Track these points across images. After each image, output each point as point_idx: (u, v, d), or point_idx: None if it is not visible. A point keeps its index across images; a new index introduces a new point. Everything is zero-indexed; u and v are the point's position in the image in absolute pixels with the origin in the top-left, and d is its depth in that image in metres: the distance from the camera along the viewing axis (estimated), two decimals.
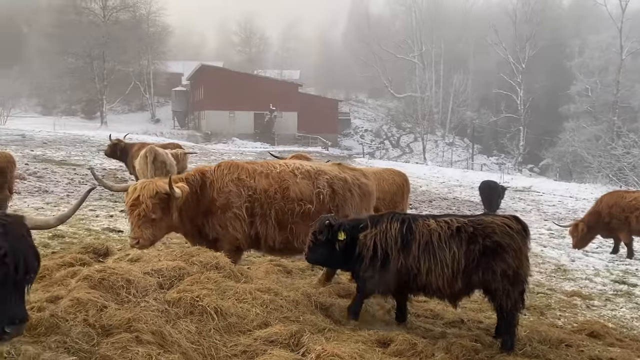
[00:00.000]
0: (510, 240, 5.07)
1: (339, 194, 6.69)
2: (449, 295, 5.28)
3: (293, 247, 6.38)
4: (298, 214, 6.36)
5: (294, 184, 6.41)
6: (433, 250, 5.11)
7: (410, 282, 5.25)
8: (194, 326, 4.08)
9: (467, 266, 5.09)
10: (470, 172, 44.36)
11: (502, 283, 5.07)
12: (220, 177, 6.20)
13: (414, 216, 5.49)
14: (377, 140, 76.67)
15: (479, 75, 78.90)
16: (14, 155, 10.90)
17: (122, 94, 67.93)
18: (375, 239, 5.23)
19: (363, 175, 7.20)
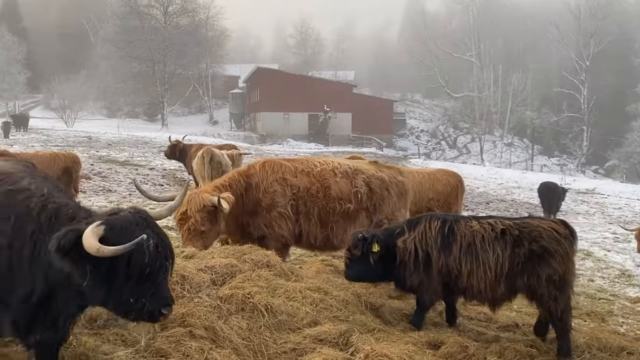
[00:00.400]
0: (557, 246, 4.94)
1: (377, 193, 6.71)
2: (490, 299, 5.16)
3: (332, 244, 6.48)
4: (338, 212, 6.44)
5: (334, 182, 6.48)
6: (475, 252, 5.00)
7: (451, 283, 5.15)
8: (245, 322, 4.17)
9: (511, 270, 4.97)
10: (530, 173, 43.02)
11: (548, 288, 4.93)
12: (265, 177, 6.28)
13: (455, 217, 5.40)
14: (434, 141, 75.54)
15: (539, 73, 76.32)
16: (80, 156, 11.45)
17: (181, 97, 69.93)
18: (415, 241, 5.14)
19: (399, 173, 7.19)
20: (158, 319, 3.10)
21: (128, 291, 2.92)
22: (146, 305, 2.95)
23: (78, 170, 10.39)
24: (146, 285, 2.94)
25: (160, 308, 2.99)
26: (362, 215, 6.66)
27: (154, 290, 2.97)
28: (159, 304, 2.99)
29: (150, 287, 2.96)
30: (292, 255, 8.50)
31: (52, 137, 34.70)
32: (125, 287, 2.92)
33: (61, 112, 57.98)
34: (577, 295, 8.02)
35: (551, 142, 72.39)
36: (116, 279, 2.90)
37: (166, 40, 63.70)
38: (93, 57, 73.54)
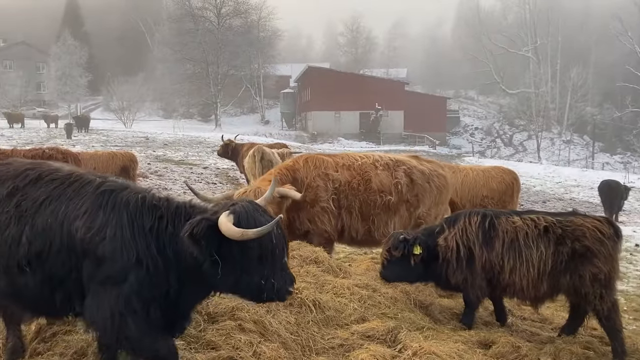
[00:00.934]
0: (600, 246, 4.81)
1: (418, 185, 6.66)
2: (533, 297, 5.06)
3: (374, 238, 6.44)
4: (379, 205, 6.43)
5: (375, 175, 6.47)
6: (519, 249, 4.91)
7: (493, 280, 5.06)
8: (293, 317, 4.21)
9: (554, 268, 4.86)
10: (590, 171, 41.43)
11: (593, 287, 4.80)
12: (309, 172, 6.32)
13: (495, 212, 5.27)
14: (488, 139, 73.76)
15: (600, 68, 73.30)
16: (137, 156, 11.84)
17: (234, 97, 71.15)
18: (456, 238, 5.06)
19: (440, 167, 7.12)
20: (285, 298, 3.26)
21: (259, 273, 3.08)
22: (275, 285, 3.10)
23: (135, 168, 10.76)
24: (274, 265, 3.11)
25: (287, 287, 3.16)
26: (403, 208, 6.62)
27: (280, 269, 3.14)
28: (286, 282, 3.15)
29: (277, 267, 3.13)
30: (341, 253, 8.53)
31: (112, 137, 36.03)
32: (257, 269, 3.08)
33: (120, 114, 60.09)
34: (639, 297, 7.69)
35: (614, 138, 69.37)
36: (248, 263, 3.06)
37: (219, 41, 64.97)
38: (150, 60, 75.90)
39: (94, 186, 3.23)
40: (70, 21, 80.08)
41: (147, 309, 3.07)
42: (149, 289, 3.07)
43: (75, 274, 3.08)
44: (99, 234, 3.03)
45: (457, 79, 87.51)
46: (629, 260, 10.15)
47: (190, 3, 68.19)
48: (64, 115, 56.09)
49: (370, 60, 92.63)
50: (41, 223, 3.12)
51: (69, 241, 3.07)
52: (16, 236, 3.12)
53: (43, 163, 3.58)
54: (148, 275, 3.05)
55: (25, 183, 3.29)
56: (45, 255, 3.09)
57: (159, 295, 3.10)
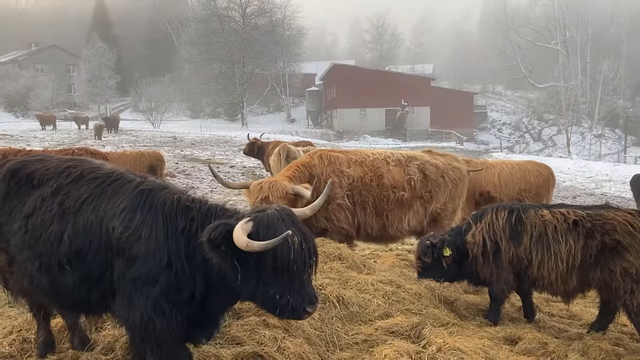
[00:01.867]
0: (631, 240, 4.70)
1: (432, 180, 6.65)
2: (563, 291, 5.00)
3: (389, 234, 6.48)
4: (392, 201, 6.44)
5: (387, 171, 6.48)
6: (547, 242, 4.86)
7: (521, 274, 5.03)
8: (317, 313, 4.22)
9: (583, 262, 4.79)
10: (622, 165, 40.44)
11: (624, 282, 4.69)
12: (324, 169, 6.33)
13: (523, 206, 5.23)
14: (517, 134, 72.67)
15: (633, 60, 71.56)
16: (165, 155, 12.04)
17: (260, 96, 71.57)
18: (483, 232, 5.05)
19: (455, 159, 7.10)
20: (302, 317, 3.06)
21: (273, 287, 2.95)
22: (290, 302, 2.95)
23: (162, 167, 10.93)
24: (291, 281, 2.96)
25: (304, 306, 2.97)
26: (417, 204, 6.62)
27: (298, 287, 2.96)
28: (304, 301, 2.97)
29: (295, 284, 2.96)
30: (366, 250, 8.53)
31: (140, 137, 36.64)
32: (271, 282, 2.95)
33: (148, 114, 61.02)
34: None
35: None
36: (263, 275, 2.95)
37: (245, 41, 65.40)
38: (177, 61, 76.82)
39: (133, 185, 3.26)
40: (99, 25, 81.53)
41: (175, 312, 3.07)
42: (177, 292, 3.07)
43: (110, 273, 3.12)
44: (135, 233, 3.06)
45: (484, 74, 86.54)
46: None
47: (216, 3, 68.80)
48: (94, 117, 57.17)
49: (396, 56, 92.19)
50: (82, 221, 3.16)
51: (106, 240, 3.10)
52: (58, 234, 3.16)
53: (84, 160, 3.62)
54: (177, 278, 3.05)
55: (69, 181, 3.33)
56: (85, 253, 3.13)
57: (186, 299, 3.09)
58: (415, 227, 6.65)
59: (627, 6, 74.02)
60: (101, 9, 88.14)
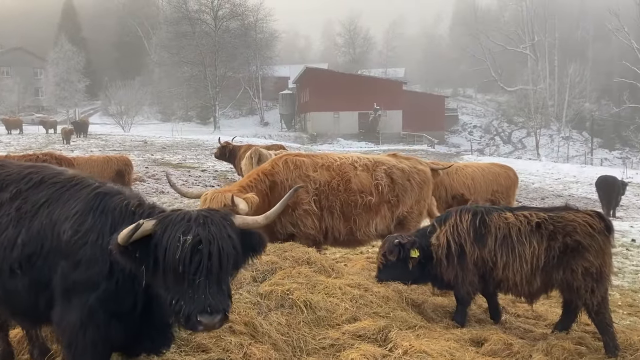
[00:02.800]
0: (591, 240, 4.86)
1: (399, 184, 6.68)
2: (527, 292, 5.09)
3: (356, 238, 6.48)
4: (360, 205, 6.44)
5: (355, 176, 6.48)
6: (512, 245, 4.95)
7: (486, 275, 5.09)
8: (284, 318, 4.22)
9: (547, 263, 4.91)
10: (589, 167, 41.43)
11: (584, 281, 4.84)
12: (289, 175, 6.27)
13: (487, 208, 5.31)
14: (487, 137, 73.74)
15: (598, 64, 73.42)
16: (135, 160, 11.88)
17: (232, 100, 71.13)
18: (447, 235, 5.10)
19: (419, 162, 7.14)
20: (196, 328, 2.70)
21: (170, 292, 2.73)
22: (183, 309, 2.66)
23: (130, 172, 10.77)
24: (182, 285, 2.67)
25: (197, 314, 2.63)
26: (385, 208, 6.64)
27: (192, 292, 2.65)
28: (196, 309, 2.63)
29: (188, 289, 2.66)
30: (337, 253, 8.54)
31: (110, 142, 36.07)
32: (166, 287, 2.73)
33: (118, 118, 60.13)
34: (634, 292, 7.70)
35: (612, 134, 69.43)
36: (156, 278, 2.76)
37: (216, 44, 64.99)
38: (147, 64, 75.93)
39: (89, 189, 3.18)
40: (67, 27, 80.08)
41: (110, 323, 2.94)
42: (116, 302, 2.93)
43: (57, 278, 3.01)
44: (83, 238, 2.96)
45: (455, 78, 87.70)
46: (625, 256, 10.14)
47: (187, 6, 68.23)
48: (63, 121, 56.10)
49: (368, 60, 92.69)
50: (37, 225, 3.08)
51: (57, 244, 3.00)
52: (12, 238, 3.08)
53: (46, 166, 3.55)
54: (117, 287, 2.92)
55: (29, 186, 3.26)
56: (36, 258, 3.03)
57: (126, 309, 2.96)
58: (382, 231, 6.67)
59: (592, 11, 75.90)
60: (69, 10, 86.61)
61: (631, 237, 12.09)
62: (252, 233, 3.04)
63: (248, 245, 3.00)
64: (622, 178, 22.02)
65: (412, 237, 5.28)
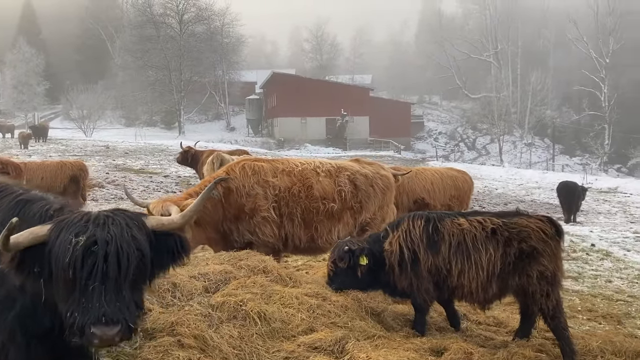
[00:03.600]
0: (545, 245, 4.89)
1: (362, 190, 6.54)
2: (482, 299, 5.02)
3: (317, 245, 6.30)
4: (322, 212, 6.27)
5: (317, 182, 6.31)
6: (467, 252, 4.87)
7: (440, 282, 5.00)
8: (237, 331, 4.02)
9: (502, 270, 4.86)
10: (550, 173, 42.29)
11: (540, 286, 4.83)
12: (246, 180, 6.06)
13: (439, 214, 5.24)
14: (452, 143, 74.90)
15: (559, 72, 75.43)
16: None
17: (198, 104, 70.30)
18: (400, 241, 4.98)
19: (382, 168, 7.04)
20: (92, 342, 2.37)
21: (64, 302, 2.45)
22: (77, 320, 2.37)
23: (85, 178, 10.40)
24: (74, 293, 2.40)
25: (90, 325, 2.34)
26: (347, 215, 6.49)
27: (85, 301, 2.37)
28: (89, 319, 2.34)
29: (80, 297, 2.38)
30: (299, 261, 8.37)
31: (71, 147, 35.12)
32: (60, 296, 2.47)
33: (80, 122, 58.70)
34: (594, 297, 7.75)
35: (573, 141, 71.25)
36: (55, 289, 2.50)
37: (182, 48, 64.10)
38: (111, 67, 74.46)
39: (12, 197, 2.95)
40: (26, 28, 77.96)
41: (29, 342, 2.70)
42: (34, 321, 2.68)
43: None
44: None
45: (421, 85, 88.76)
46: (585, 260, 10.25)
47: (152, 10, 67.17)
48: (21, 125, 54.48)
49: (336, 66, 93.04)
50: None
51: None
52: None
53: None
54: (32, 303, 2.66)
55: None
56: None
57: (44, 329, 2.71)
58: (345, 238, 6.53)
59: (553, 21, 77.87)
60: (29, 12, 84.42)
61: (591, 242, 12.25)
62: (169, 235, 2.79)
63: (165, 248, 2.74)
64: (583, 184, 22.49)
65: (363, 243, 5.13)
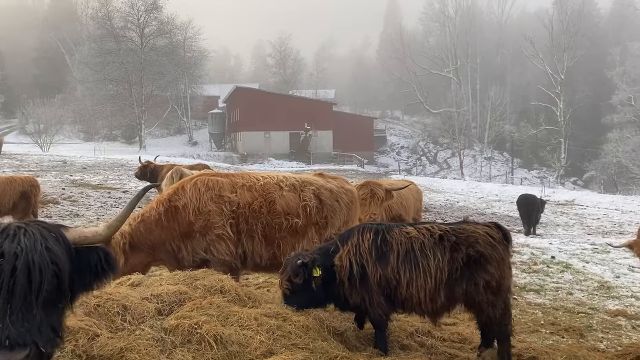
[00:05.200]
0: (492, 251, 4.85)
1: (327, 205, 6.33)
2: (431, 310, 4.92)
3: (280, 263, 5.99)
4: (285, 228, 6.02)
5: (280, 197, 6.05)
6: (415, 259, 4.80)
7: (391, 295, 4.89)
8: (191, 356, 3.78)
9: (450, 277, 4.79)
10: (510, 186, 43.12)
11: (486, 295, 4.79)
12: (197, 196, 5.77)
13: (388, 225, 5.16)
14: (414, 157, 75.92)
15: (516, 88, 77.68)
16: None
17: (160, 118, 69.27)
18: (350, 256, 4.85)
19: (346, 182, 6.87)
20: None
21: None
22: None
23: (37, 194, 9.93)
24: None
25: None
26: (312, 230, 6.25)
27: None
28: None
29: None
30: (260, 278, 8.14)
31: (26, 162, 33.93)
32: None
33: (36, 137, 56.99)
34: (556, 310, 7.77)
35: (530, 155, 73.20)
36: None
37: (143, 61, 63.14)
38: (70, 81, 72.77)
39: None
40: None
41: None
42: None
43: None
44: None
45: (384, 100, 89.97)
46: (546, 273, 10.33)
47: (112, 23, 66.08)
48: None
49: (299, 81, 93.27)
50: None
51: None
52: None
53: None
54: None
55: None
56: None
57: None
58: None
59: (510, 38, 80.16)
60: None
61: (551, 254, 12.40)
62: (92, 249, 2.55)
63: (87, 264, 2.50)
64: (541, 196, 22.92)
65: (313, 254, 4.95)
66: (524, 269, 10.66)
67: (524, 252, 12.41)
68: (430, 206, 25.68)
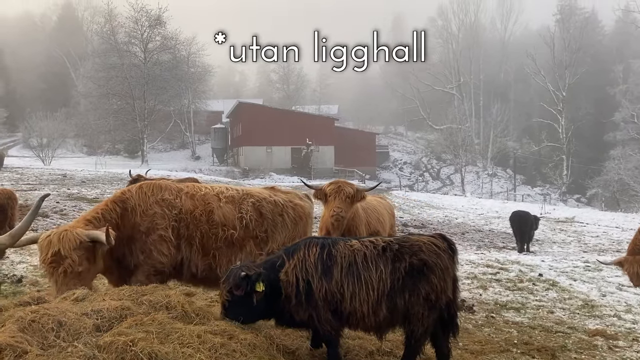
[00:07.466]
0: (437, 258, 4.80)
1: (268, 218, 6.23)
2: (374, 324, 4.81)
3: (215, 275, 5.82)
4: (221, 239, 5.96)
5: (218, 207, 6.02)
6: (358, 272, 4.72)
7: (337, 311, 4.77)
8: None
9: (392, 288, 4.70)
10: (510, 203, 42.86)
11: (422, 307, 4.71)
12: (143, 199, 5.78)
13: (333, 239, 5.07)
14: (417, 173, 75.75)
15: (519, 104, 77.68)
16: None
17: (163, 133, 69.51)
18: (296, 271, 4.74)
19: (298, 197, 6.72)
20: None
21: None
22: None
23: (14, 207, 9.86)
24: None
25: None
26: (251, 244, 6.13)
27: None
28: None
29: None
30: (211, 292, 7.90)
31: (26, 175, 34.07)
32: None
33: (38, 150, 57.26)
34: (532, 329, 7.59)
35: (533, 172, 72.89)
36: None
37: (146, 76, 63.53)
38: (74, 95, 73.30)
39: None
40: None
41: None
42: None
43: None
44: None
45: (387, 115, 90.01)
46: (530, 291, 10.15)
47: (116, 38, 66.67)
48: None
49: (302, 97, 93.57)
50: None
51: None
52: None
53: None
54: None
55: None
56: None
57: None
58: None
59: (513, 55, 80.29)
60: None
61: (540, 271, 12.21)
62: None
63: None
64: (540, 213, 22.70)
65: (258, 267, 4.82)
66: (508, 287, 10.48)
67: (511, 270, 12.22)
68: (427, 222, 25.51)
